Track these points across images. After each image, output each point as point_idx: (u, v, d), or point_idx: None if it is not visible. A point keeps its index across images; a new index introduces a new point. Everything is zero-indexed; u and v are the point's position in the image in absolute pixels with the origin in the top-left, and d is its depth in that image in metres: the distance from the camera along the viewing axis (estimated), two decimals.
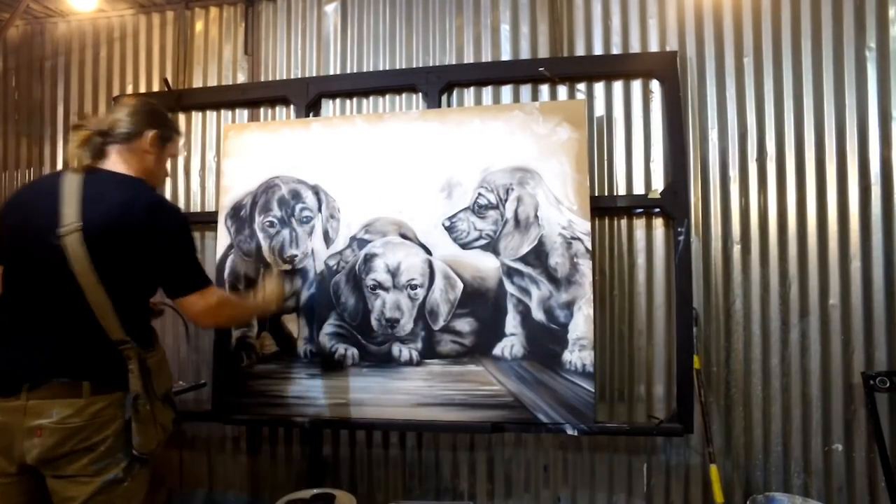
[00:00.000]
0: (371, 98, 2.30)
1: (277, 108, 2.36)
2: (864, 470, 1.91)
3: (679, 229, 1.95)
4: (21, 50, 2.66)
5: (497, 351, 1.91)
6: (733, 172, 2.04)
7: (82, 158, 1.31)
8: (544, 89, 2.16)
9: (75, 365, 1.22)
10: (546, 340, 1.88)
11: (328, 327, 2.02)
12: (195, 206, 2.40)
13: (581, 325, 1.86)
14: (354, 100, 2.31)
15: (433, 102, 2.15)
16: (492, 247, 1.95)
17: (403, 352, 1.96)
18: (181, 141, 1.53)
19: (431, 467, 2.18)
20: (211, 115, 2.43)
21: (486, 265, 1.94)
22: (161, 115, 1.48)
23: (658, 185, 2.06)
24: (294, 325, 2.05)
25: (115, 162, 1.36)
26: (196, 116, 2.44)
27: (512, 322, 1.91)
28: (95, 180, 1.29)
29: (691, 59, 2.09)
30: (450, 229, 1.97)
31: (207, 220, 2.29)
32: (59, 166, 2.59)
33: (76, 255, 1.20)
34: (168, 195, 2.43)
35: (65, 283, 1.21)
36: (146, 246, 1.26)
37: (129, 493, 1.27)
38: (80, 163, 1.31)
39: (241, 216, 2.12)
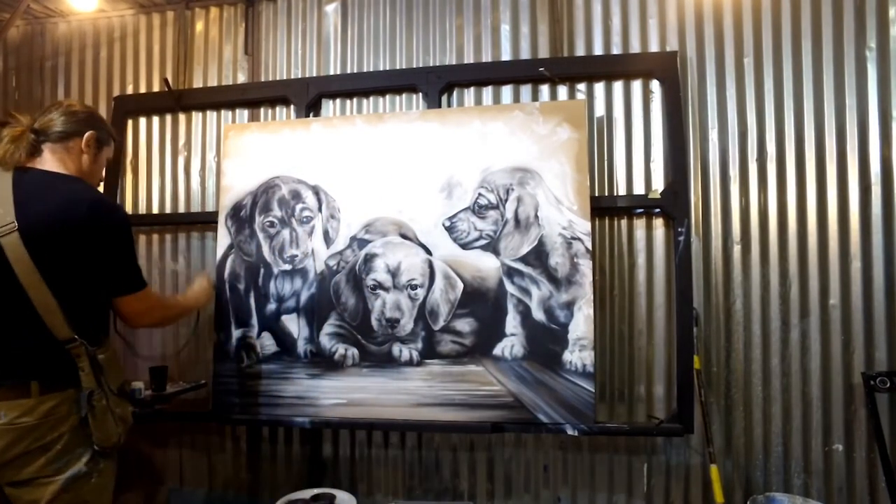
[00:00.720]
0: (371, 98, 2.30)
1: (277, 109, 2.36)
2: (864, 470, 1.91)
3: (679, 229, 1.95)
4: (21, 50, 2.66)
5: (497, 351, 1.91)
6: (733, 172, 2.04)
7: (14, 155, 1.30)
8: (544, 89, 2.16)
9: (21, 366, 1.21)
10: (546, 340, 1.88)
11: (328, 327, 2.02)
12: (195, 206, 2.40)
13: (581, 325, 1.86)
14: (354, 100, 2.31)
15: (433, 102, 2.15)
16: (492, 247, 1.95)
17: (403, 352, 1.96)
18: (113, 148, 1.53)
19: (431, 467, 2.18)
20: (211, 115, 2.43)
21: (486, 265, 1.94)
22: (99, 118, 1.49)
23: (658, 185, 2.06)
24: (294, 325, 2.05)
25: (50, 161, 1.34)
26: (196, 116, 2.44)
27: (512, 322, 1.91)
28: (30, 179, 1.28)
29: (691, 59, 2.09)
30: (450, 229, 1.97)
31: (207, 220, 2.29)
32: None
33: (16, 255, 1.18)
34: (169, 195, 2.44)
35: (6, 284, 1.19)
36: (89, 244, 1.25)
37: (98, 487, 1.27)
38: (11, 160, 1.29)
39: (241, 216, 2.12)
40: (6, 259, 1.19)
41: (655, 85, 2.08)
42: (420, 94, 2.21)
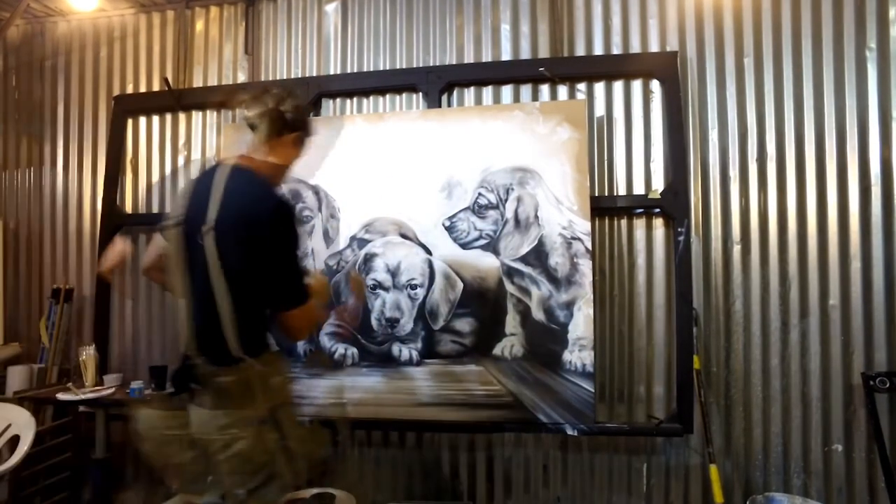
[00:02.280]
0: (371, 98, 2.30)
1: None
2: (863, 470, 1.91)
3: (679, 229, 1.95)
4: (21, 49, 2.66)
5: (497, 351, 1.91)
6: (733, 172, 2.04)
7: (257, 138, 1.21)
8: (544, 89, 2.15)
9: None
10: (546, 340, 1.88)
11: (328, 327, 2.02)
12: None
13: (581, 325, 1.86)
14: (355, 99, 2.31)
15: (433, 102, 2.15)
16: (492, 247, 1.95)
17: (403, 351, 1.96)
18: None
19: (431, 467, 2.18)
20: (211, 115, 2.43)
21: (486, 265, 1.94)
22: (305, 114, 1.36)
23: (658, 185, 2.06)
24: None
25: (262, 154, 1.23)
26: (196, 116, 2.44)
27: (512, 322, 1.91)
28: (237, 174, 1.18)
29: (691, 60, 2.09)
30: (450, 229, 1.97)
31: None
32: (60, 166, 2.59)
33: (211, 255, 1.10)
34: (169, 194, 2.43)
35: (207, 284, 1.11)
36: (268, 247, 1.12)
37: None
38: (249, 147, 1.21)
39: None
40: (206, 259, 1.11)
41: (655, 85, 2.08)
42: (420, 94, 2.21)
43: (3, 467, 1.95)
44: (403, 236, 2.00)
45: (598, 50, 2.16)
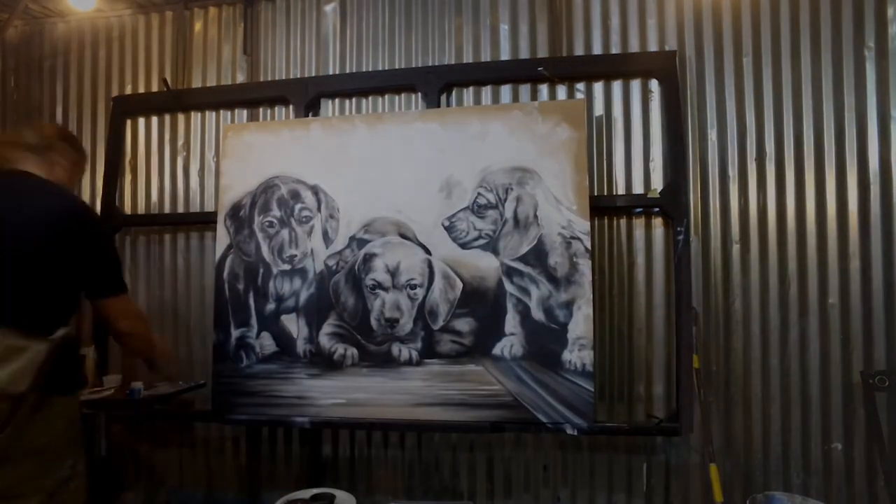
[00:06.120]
0: (370, 98, 2.30)
1: (277, 108, 2.36)
2: (863, 469, 1.91)
3: (678, 229, 1.95)
4: (20, 50, 2.66)
5: (497, 350, 1.91)
6: (732, 172, 2.04)
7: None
8: (543, 89, 2.16)
9: None
10: (546, 340, 1.88)
11: (328, 327, 2.02)
12: (194, 206, 2.40)
13: (580, 324, 1.86)
14: (353, 100, 2.31)
15: (432, 102, 2.15)
16: (491, 246, 1.94)
17: (403, 352, 1.96)
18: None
19: (431, 467, 2.18)
20: (210, 115, 2.43)
21: (485, 265, 1.94)
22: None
23: (657, 184, 2.06)
24: (294, 325, 2.05)
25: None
26: (195, 116, 2.44)
27: (511, 322, 1.91)
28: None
29: (690, 59, 2.09)
30: (449, 229, 1.97)
31: (207, 220, 2.29)
32: None
33: None
34: (168, 195, 2.43)
35: None
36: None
37: None
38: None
39: (240, 216, 2.12)
40: None
41: (654, 84, 2.08)
42: (419, 94, 2.21)
43: None
44: (403, 236, 2.00)
45: (597, 50, 2.16)
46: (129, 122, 2.48)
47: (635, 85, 2.10)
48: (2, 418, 1.06)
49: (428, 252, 1.97)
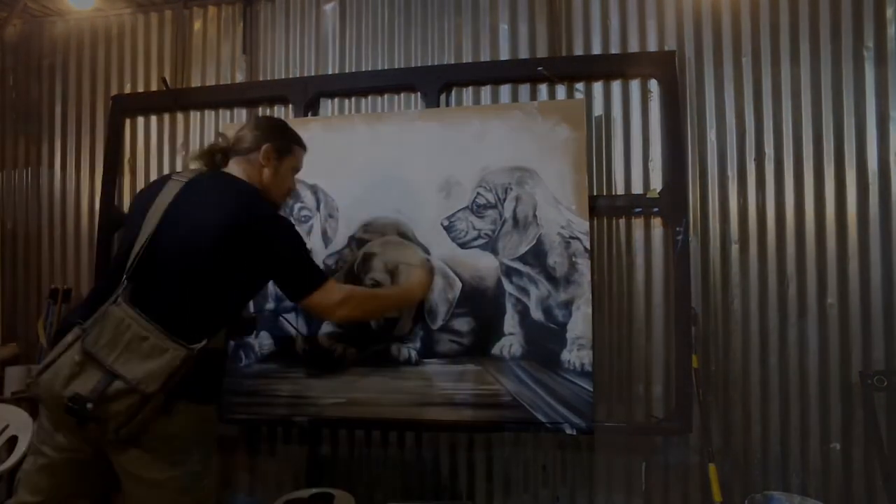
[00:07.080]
0: (370, 98, 2.30)
1: (276, 108, 2.36)
2: (861, 469, 1.91)
3: (677, 229, 1.95)
4: (19, 49, 2.66)
5: (496, 350, 1.91)
6: (731, 172, 2.05)
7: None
8: (543, 89, 2.16)
9: None
10: (545, 340, 1.88)
11: (327, 327, 2.02)
12: None
13: (580, 324, 1.86)
14: (353, 99, 2.31)
15: (432, 102, 2.15)
16: (490, 246, 1.94)
17: (402, 351, 1.96)
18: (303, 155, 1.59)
19: (430, 467, 2.18)
20: (209, 115, 2.43)
21: (484, 264, 1.94)
22: (279, 127, 1.54)
23: (656, 184, 2.06)
24: (293, 325, 2.05)
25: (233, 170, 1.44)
26: (194, 116, 2.44)
27: (511, 321, 1.91)
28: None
29: (690, 59, 2.09)
30: (448, 229, 1.97)
31: None
32: (57, 166, 2.60)
33: None
34: None
35: None
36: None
37: None
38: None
39: None
40: None
41: (654, 84, 2.08)
42: (418, 94, 2.21)
43: (1, 467, 1.94)
44: (402, 236, 2.00)
45: (597, 50, 2.16)
46: (128, 122, 2.48)
47: (635, 85, 2.10)
48: (131, 411, 1.12)
49: (427, 251, 1.97)
